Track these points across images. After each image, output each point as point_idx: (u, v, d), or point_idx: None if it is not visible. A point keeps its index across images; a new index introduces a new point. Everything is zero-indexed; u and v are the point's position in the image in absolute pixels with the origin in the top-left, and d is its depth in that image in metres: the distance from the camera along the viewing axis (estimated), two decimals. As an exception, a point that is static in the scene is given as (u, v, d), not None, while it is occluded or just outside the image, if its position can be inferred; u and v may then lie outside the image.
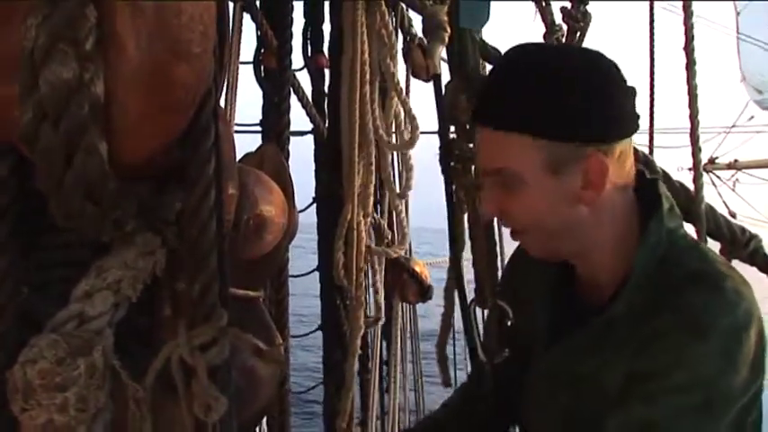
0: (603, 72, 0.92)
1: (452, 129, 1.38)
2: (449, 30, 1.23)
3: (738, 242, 1.41)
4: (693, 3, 1.30)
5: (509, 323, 1.23)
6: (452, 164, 1.34)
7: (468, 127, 1.37)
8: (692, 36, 1.27)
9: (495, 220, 1.42)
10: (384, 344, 2.66)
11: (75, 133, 0.55)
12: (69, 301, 0.70)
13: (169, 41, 0.60)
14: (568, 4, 1.77)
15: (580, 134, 0.89)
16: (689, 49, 1.29)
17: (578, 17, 1.80)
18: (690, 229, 1.10)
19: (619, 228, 0.94)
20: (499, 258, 1.52)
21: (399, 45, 1.63)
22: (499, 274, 1.44)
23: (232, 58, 2.14)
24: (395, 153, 1.90)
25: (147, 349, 0.75)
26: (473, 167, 1.37)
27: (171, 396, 0.76)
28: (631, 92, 0.93)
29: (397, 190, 1.62)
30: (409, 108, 1.32)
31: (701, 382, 0.85)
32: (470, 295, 1.40)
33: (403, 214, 1.56)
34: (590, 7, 1.66)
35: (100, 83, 0.57)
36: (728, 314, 0.85)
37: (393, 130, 1.44)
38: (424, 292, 2.01)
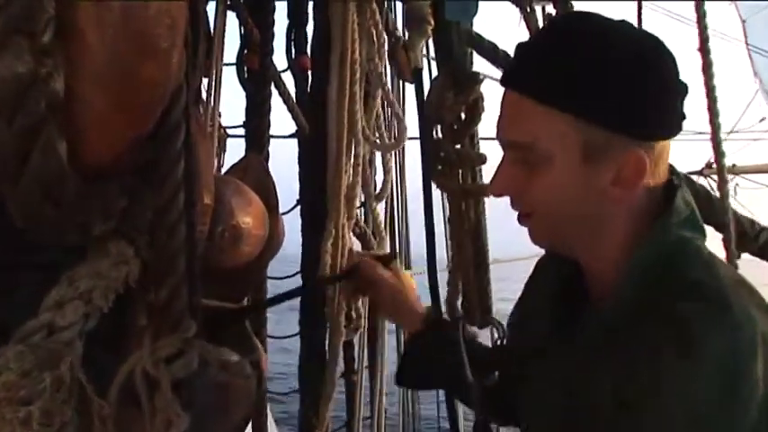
0: (667, 65, 0.83)
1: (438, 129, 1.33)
2: (432, 22, 1.18)
3: (747, 235, 1.35)
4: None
5: (499, 342, 1.17)
6: (439, 167, 1.28)
7: (455, 127, 1.31)
8: (707, 37, 1.19)
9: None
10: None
11: (30, 130, 0.52)
12: (39, 310, 0.67)
13: (135, 36, 0.58)
14: (553, 11, 1.76)
15: (628, 126, 0.80)
16: (704, 49, 1.22)
17: (563, 23, 1.79)
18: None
19: (634, 227, 0.85)
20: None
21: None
22: (490, 286, 1.34)
23: (216, 59, 2.11)
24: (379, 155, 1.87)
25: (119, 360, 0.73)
26: (460, 171, 1.30)
27: (139, 411, 0.73)
28: (683, 90, 0.84)
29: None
30: (396, 108, 1.28)
31: (689, 413, 0.72)
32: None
33: (381, 218, 1.52)
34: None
35: (59, 78, 0.54)
36: (727, 334, 0.72)
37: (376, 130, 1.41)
38: None
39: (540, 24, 1.65)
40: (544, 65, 0.82)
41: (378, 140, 1.32)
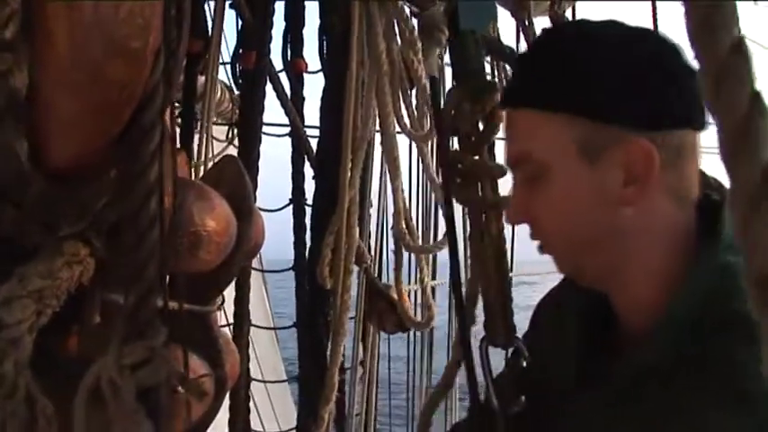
0: (655, 47, 0.75)
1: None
2: (446, 31, 1.15)
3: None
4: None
5: (524, 364, 1.03)
6: (458, 180, 1.24)
7: (473, 139, 1.27)
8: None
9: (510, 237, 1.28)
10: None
11: (-14, 129, 0.50)
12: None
13: (105, 36, 0.55)
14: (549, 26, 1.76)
15: (620, 112, 0.71)
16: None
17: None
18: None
19: (667, 251, 0.73)
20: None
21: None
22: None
23: (212, 59, 2.10)
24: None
25: (72, 358, 0.71)
26: (479, 183, 1.26)
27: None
28: (689, 76, 0.73)
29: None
30: (426, 96, 1.24)
31: None
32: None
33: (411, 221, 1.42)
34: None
35: (21, 75, 0.52)
36: None
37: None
38: (401, 322, 1.94)
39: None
40: (526, 73, 0.80)
41: (413, 131, 1.27)
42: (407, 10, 1.28)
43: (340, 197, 1.29)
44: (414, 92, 1.28)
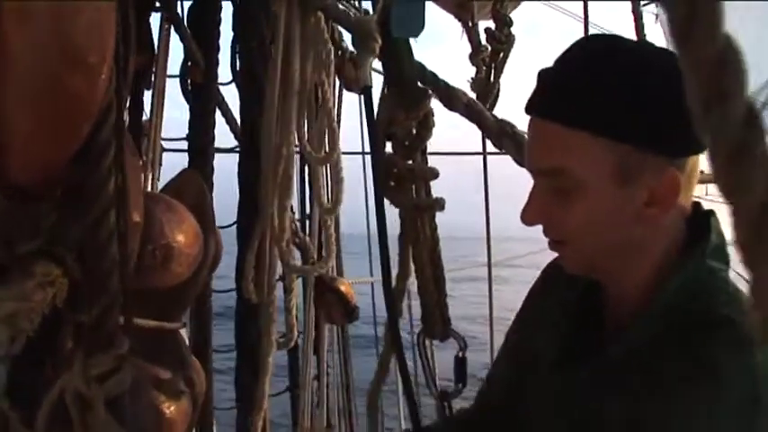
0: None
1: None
2: (379, 40, 1.17)
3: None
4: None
5: (461, 354, 1.15)
6: (392, 183, 1.27)
7: (406, 143, 1.30)
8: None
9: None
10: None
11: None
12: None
13: (63, 47, 0.56)
14: (493, 26, 1.81)
15: (661, 143, 0.77)
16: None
17: (502, 39, 1.84)
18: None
19: (663, 253, 0.84)
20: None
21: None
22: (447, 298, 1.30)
23: (159, 72, 2.07)
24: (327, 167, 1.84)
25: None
26: (413, 186, 1.30)
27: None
28: None
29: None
30: (332, 119, 1.26)
31: None
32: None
33: (332, 230, 1.48)
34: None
35: (-23, 91, 0.52)
36: (747, 373, 0.72)
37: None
38: (350, 313, 1.95)
39: (482, 39, 1.70)
40: (572, 89, 0.81)
41: (316, 153, 1.30)
42: (326, 32, 1.29)
43: (260, 213, 1.29)
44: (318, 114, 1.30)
